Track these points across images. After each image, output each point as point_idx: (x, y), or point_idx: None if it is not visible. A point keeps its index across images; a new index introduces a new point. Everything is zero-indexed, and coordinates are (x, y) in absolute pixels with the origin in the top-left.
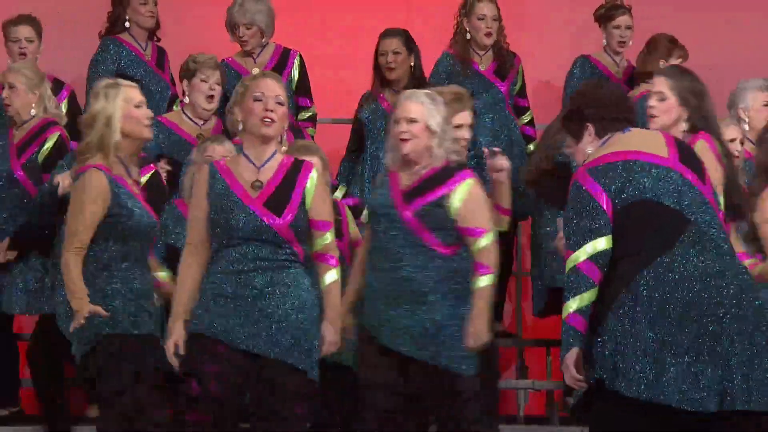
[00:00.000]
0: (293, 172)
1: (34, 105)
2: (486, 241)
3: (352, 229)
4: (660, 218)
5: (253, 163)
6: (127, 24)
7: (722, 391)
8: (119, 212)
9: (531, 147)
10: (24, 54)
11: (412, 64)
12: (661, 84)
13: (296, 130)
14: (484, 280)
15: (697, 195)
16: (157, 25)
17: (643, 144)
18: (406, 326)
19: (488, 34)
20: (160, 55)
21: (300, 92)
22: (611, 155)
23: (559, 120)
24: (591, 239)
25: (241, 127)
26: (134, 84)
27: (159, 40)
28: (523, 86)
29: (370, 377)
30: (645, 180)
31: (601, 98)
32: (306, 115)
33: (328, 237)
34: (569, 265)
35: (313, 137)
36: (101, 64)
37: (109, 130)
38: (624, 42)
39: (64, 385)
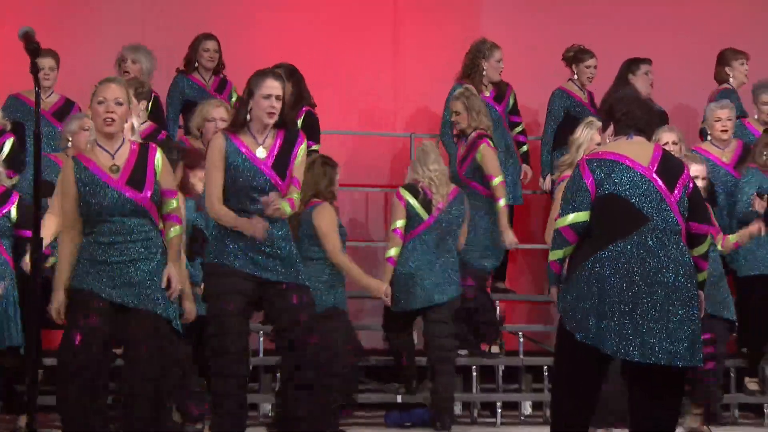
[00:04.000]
0: (142, 154)
1: None
2: (177, 202)
3: None
4: (624, 212)
5: (108, 152)
6: (196, 64)
7: (648, 346)
8: None
9: (524, 149)
10: (48, 79)
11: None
12: (279, 88)
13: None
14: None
15: (660, 200)
16: (219, 66)
17: (633, 152)
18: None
19: (500, 73)
20: (221, 84)
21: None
22: (606, 153)
23: None
24: (574, 211)
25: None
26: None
27: (220, 73)
28: (515, 106)
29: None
30: (621, 180)
31: (629, 109)
32: None
33: (174, 202)
34: (556, 225)
35: None
36: (172, 92)
37: None
38: (592, 78)
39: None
